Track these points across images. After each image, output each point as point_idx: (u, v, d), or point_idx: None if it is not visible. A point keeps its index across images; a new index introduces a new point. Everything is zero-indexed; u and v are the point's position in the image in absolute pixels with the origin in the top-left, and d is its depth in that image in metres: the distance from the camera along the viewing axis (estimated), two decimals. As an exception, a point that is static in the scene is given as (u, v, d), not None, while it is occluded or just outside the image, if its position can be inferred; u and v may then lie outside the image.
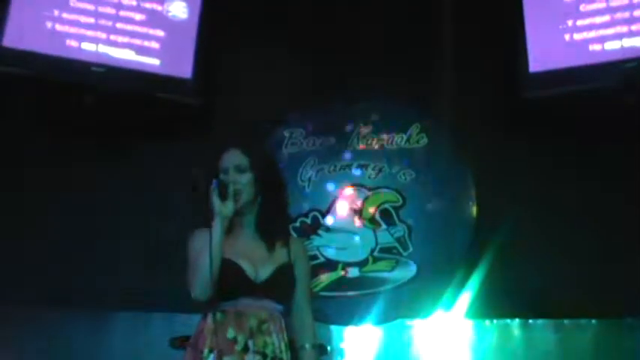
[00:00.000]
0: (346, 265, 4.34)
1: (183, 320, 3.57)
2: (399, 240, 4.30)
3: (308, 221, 4.41)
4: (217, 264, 2.33)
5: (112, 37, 4.34)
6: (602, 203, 4.10)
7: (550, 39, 4.19)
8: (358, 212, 4.40)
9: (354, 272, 4.32)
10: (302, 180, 4.49)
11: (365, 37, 4.65)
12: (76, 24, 4.27)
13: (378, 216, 4.36)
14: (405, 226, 4.31)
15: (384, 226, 4.34)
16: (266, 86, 4.53)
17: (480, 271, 4.12)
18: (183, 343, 2.57)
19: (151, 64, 4.38)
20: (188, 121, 4.48)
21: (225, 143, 2.62)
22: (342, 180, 4.45)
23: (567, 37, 4.15)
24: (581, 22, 4.13)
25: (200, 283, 2.33)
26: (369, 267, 4.31)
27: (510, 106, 4.33)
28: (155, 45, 4.42)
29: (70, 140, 4.41)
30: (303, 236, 4.25)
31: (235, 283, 2.41)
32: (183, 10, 4.50)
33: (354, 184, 4.44)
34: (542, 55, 4.16)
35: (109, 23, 4.35)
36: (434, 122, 4.47)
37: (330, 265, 4.34)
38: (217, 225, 2.36)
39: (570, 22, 4.15)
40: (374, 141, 4.49)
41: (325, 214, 4.43)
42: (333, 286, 4.31)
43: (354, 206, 4.41)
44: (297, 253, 2.61)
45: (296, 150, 4.57)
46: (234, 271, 2.41)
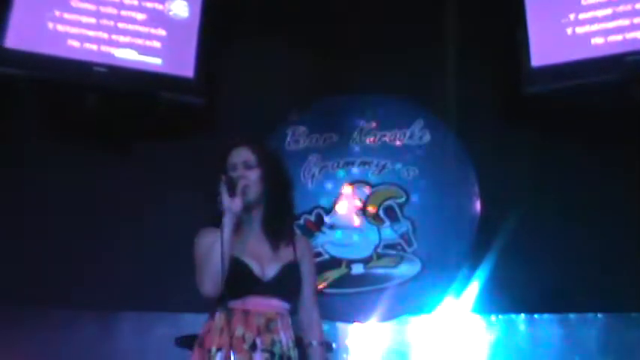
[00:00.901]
0: (350, 261, 4.35)
1: (189, 320, 3.57)
2: (403, 236, 4.31)
3: (312, 219, 4.42)
4: (227, 260, 2.32)
5: (114, 37, 4.33)
6: (608, 198, 4.08)
7: (552, 33, 4.17)
8: (362, 209, 4.41)
9: (358, 269, 4.33)
10: (305, 177, 4.49)
11: (366, 34, 4.64)
12: (77, 24, 4.26)
13: (381, 213, 4.38)
14: (408, 223, 4.32)
15: (388, 222, 4.35)
16: (268, 84, 4.52)
17: (485, 267, 4.11)
18: (190, 343, 2.56)
19: (152, 63, 4.37)
20: (190, 121, 4.48)
21: (232, 140, 2.62)
22: (345, 177, 4.46)
23: (569, 30, 4.13)
24: (583, 15, 4.11)
25: (211, 278, 2.33)
26: (374, 263, 4.32)
27: (513, 101, 4.31)
28: (157, 44, 4.41)
29: (72, 141, 4.41)
30: (307, 234, 4.26)
31: (243, 282, 2.40)
32: (184, 9, 4.49)
33: (358, 181, 4.45)
34: (545, 49, 4.14)
35: (111, 23, 4.34)
36: (437, 118, 4.47)
37: (334, 262, 4.35)
38: (227, 221, 2.36)
39: (572, 16, 4.13)
40: (377, 138, 4.50)
41: (329, 212, 4.43)
42: (337, 283, 4.32)
43: (357, 203, 4.42)
44: (302, 251, 2.61)
45: (299, 147, 4.57)
46: (242, 269, 2.41)
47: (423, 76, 4.47)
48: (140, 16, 4.42)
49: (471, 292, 4.14)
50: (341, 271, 4.34)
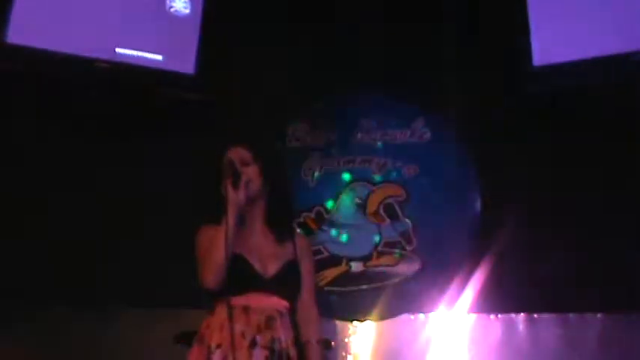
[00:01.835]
0: (350, 259, 4.35)
1: (188, 316, 3.57)
2: (403, 234, 4.31)
3: (312, 216, 4.42)
4: (231, 251, 2.32)
5: (115, 33, 4.33)
6: (610, 197, 4.06)
7: (554, 32, 4.16)
8: (362, 207, 4.41)
9: (358, 267, 4.33)
10: (305, 175, 4.49)
11: (367, 33, 4.63)
12: (78, 20, 4.26)
13: (382, 211, 4.37)
14: (409, 221, 4.32)
15: (388, 220, 4.35)
16: (269, 81, 4.52)
17: (485, 266, 4.11)
18: (189, 339, 2.55)
19: (153, 59, 4.37)
20: (191, 117, 4.47)
21: (231, 136, 2.62)
22: (346, 175, 4.45)
23: (572, 29, 4.12)
24: (585, 14, 4.10)
25: (214, 270, 2.33)
26: (374, 262, 4.32)
27: (514, 100, 4.30)
28: (158, 40, 4.41)
29: (72, 136, 4.40)
30: (308, 231, 4.26)
31: (244, 278, 2.41)
32: (185, 5, 4.49)
33: (358, 179, 4.45)
34: (547, 48, 4.13)
35: (112, 18, 4.33)
36: (438, 117, 4.47)
37: (334, 259, 4.35)
38: (231, 213, 2.36)
39: (575, 15, 4.12)
40: (378, 136, 4.49)
41: (329, 210, 4.43)
42: (337, 281, 4.32)
43: (357, 201, 4.42)
44: (302, 250, 2.61)
45: (299, 145, 4.57)
46: (243, 266, 2.41)
47: (424, 75, 4.46)
48: (141, 11, 4.41)
49: (471, 291, 4.13)
50: (340, 269, 4.33)
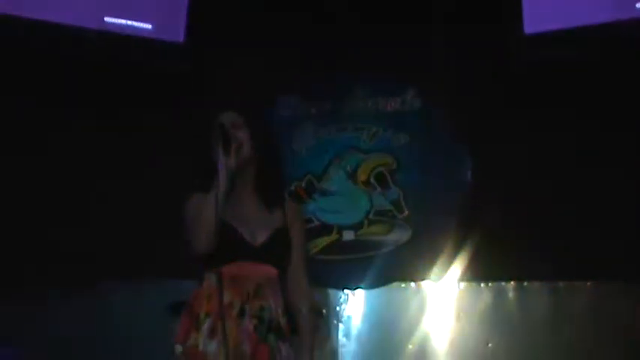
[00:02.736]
0: (341, 228, 4.35)
1: (177, 286, 3.57)
2: (394, 203, 4.31)
3: (303, 185, 4.42)
4: (222, 213, 2.31)
5: (104, 1, 4.28)
6: (600, 167, 4.05)
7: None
8: (353, 176, 4.40)
9: (349, 235, 4.34)
10: (297, 144, 4.48)
11: (361, 6, 4.58)
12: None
13: (372, 179, 4.37)
14: (399, 189, 4.32)
15: (379, 189, 4.35)
16: (261, 51, 4.48)
17: (475, 234, 4.12)
18: (178, 309, 2.54)
19: (143, 28, 4.32)
20: (181, 86, 4.44)
21: (221, 102, 2.59)
22: (337, 144, 4.46)
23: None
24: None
25: (206, 229, 2.29)
26: (365, 230, 4.33)
27: (506, 68, 4.28)
28: (147, 9, 4.36)
29: (59, 106, 4.36)
30: (298, 200, 4.25)
31: (232, 247, 2.38)
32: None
33: (349, 148, 4.44)
34: (539, 15, 4.09)
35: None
36: (428, 85, 4.45)
37: (325, 228, 4.36)
38: (222, 177, 2.33)
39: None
40: (369, 104, 4.48)
41: (320, 178, 4.43)
42: (328, 249, 4.32)
43: (348, 170, 4.41)
44: (292, 217, 2.58)
45: (291, 114, 4.56)
46: (232, 234, 2.39)
47: (416, 43, 4.42)
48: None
49: (461, 259, 4.15)
50: (331, 238, 4.34)
